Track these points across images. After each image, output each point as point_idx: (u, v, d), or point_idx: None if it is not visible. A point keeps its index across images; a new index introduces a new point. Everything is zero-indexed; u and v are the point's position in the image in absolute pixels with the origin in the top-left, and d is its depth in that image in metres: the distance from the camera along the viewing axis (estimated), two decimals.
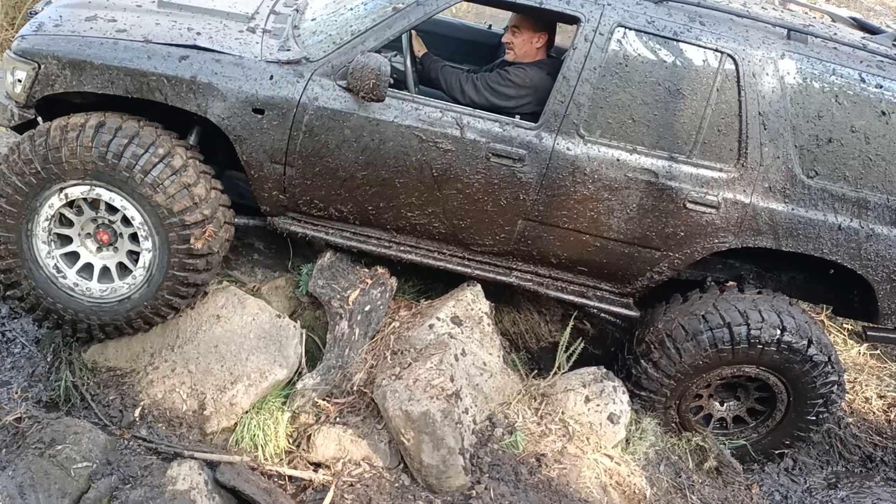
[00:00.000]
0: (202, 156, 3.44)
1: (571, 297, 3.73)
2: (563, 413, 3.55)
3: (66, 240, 3.39)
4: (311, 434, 3.37)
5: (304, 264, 3.91)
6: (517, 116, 3.49)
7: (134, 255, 3.38)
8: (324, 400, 3.46)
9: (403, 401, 3.14)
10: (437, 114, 3.35)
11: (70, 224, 3.37)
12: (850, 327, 5.16)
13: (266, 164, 3.37)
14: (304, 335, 3.67)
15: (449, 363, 3.25)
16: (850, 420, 4.55)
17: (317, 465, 3.31)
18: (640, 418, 3.71)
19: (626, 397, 3.64)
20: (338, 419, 3.42)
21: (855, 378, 4.80)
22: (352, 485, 3.16)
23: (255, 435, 3.36)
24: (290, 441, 3.39)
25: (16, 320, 3.75)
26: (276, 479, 3.24)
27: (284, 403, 3.50)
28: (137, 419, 3.34)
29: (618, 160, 3.40)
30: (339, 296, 3.61)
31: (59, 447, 3.05)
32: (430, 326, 3.50)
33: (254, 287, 3.84)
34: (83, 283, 3.39)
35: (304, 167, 3.38)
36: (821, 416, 3.82)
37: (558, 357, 3.73)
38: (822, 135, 3.45)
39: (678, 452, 3.76)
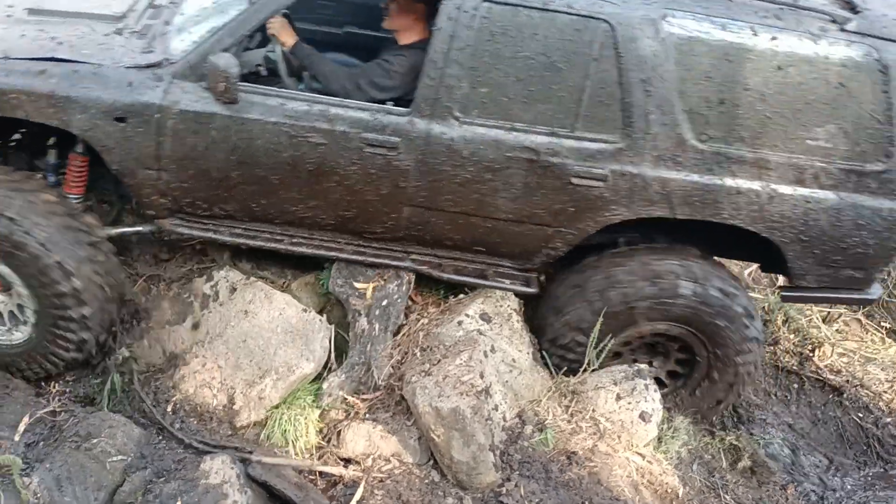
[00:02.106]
0: (89, 163, 3.40)
1: (470, 280, 3.66)
2: (593, 411, 3.51)
3: None
4: (340, 430, 3.38)
5: (327, 262, 3.92)
6: (389, 103, 3.38)
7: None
8: (353, 396, 3.47)
9: (433, 397, 3.13)
10: (304, 107, 3.25)
11: None
12: (888, 325, 5.05)
13: (139, 171, 3.31)
14: (331, 330, 3.68)
15: (478, 360, 3.24)
16: (889, 420, 4.45)
17: (347, 461, 3.32)
18: (673, 417, 3.67)
19: (657, 395, 3.59)
20: (367, 415, 3.42)
21: (894, 377, 4.69)
22: (382, 481, 3.16)
23: (285, 430, 3.38)
24: (321, 436, 3.41)
25: None
26: (306, 474, 3.26)
27: (314, 399, 3.52)
28: (170, 414, 3.39)
29: (496, 140, 3.27)
30: (356, 293, 3.61)
31: (95, 441, 3.10)
32: (459, 323, 3.49)
33: (284, 284, 3.86)
34: (20, 327, 3.39)
35: (178, 171, 3.32)
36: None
37: (588, 354, 3.68)
38: (713, 96, 3.25)
39: (711, 451, 3.72)
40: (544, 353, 3.72)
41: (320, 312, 3.78)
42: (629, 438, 3.49)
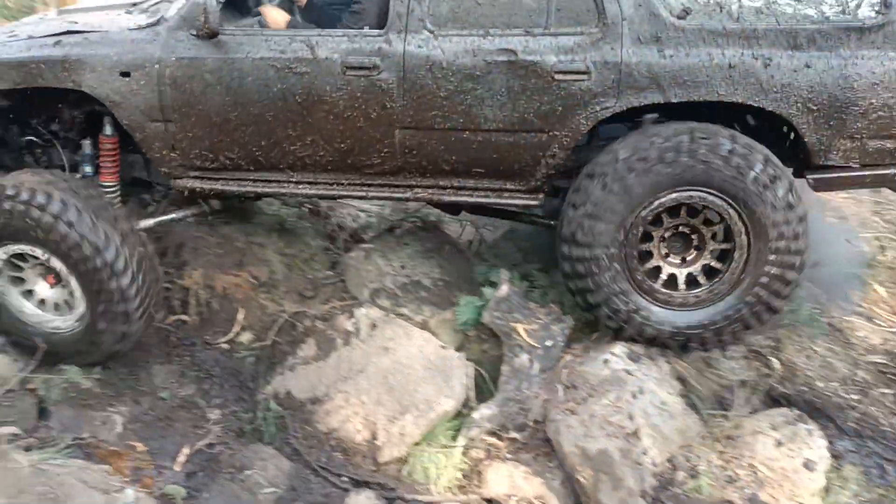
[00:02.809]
0: (119, 144, 3.73)
1: (471, 200, 3.66)
2: (751, 458, 3.27)
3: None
4: (482, 469, 3.34)
5: (463, 296, 3.93)
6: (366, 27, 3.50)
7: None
8: (494, 435, 3.43)
9: (579, 437, 3.05)
10: (286, 41, 3.44)
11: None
12: None
13: (147, 125, 3.56)
14: (470, 367, 3.67)
15: (627, 400, 3.13)
16: None
17: (489, 501, 3.26)
18: (841, 465, 3.36)
19: (823, 442, 3.31)
20: (509, 455, 3.37)
21: None
22: None
23: (426, 467, 3.38)
24: (462, 475, 3.38)
25: (208, 352, 4.03)
26: None
27: (454, 436, 3.50)
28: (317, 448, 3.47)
29: (473, 47, 3.32)
30: (520, 328, 3.58)
31: (248, 472, 3.23)
32: (605, 361, 3.39)
33: (422, 320, 3.90)
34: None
35: (181, 119, 3.54)
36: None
37: (736, 397, 3.46)
38: None
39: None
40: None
41: (458, 349, 3.79)
42: (792, 488, 3.22)
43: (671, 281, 3.54)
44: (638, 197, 3.34)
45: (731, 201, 3.31)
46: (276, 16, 3.78)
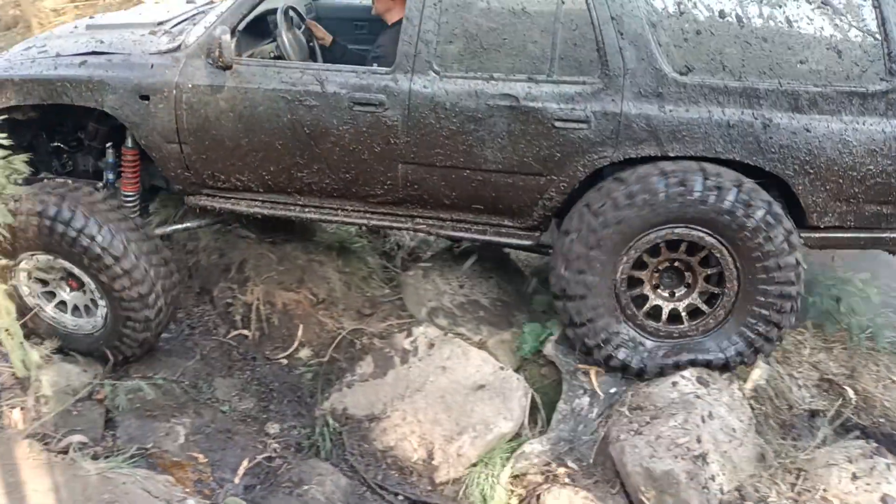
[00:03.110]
0: (139, 156, 3.82)
1: (467, 235, 3.73)
2: (824, 491, 3.12)
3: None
4: (540, 493, 3.26)
5: (527, 322, 3.88)
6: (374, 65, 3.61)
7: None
8: (553, 461, 3.36)
9: (644, 457, 2.96)
10: (297, 74, 3.52)
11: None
12: None
13: (164, 146, 3.66)
14: (529, 389, 3.62)
15: (695, 424, 3.04)
16: None
17: None
18: None
19: None
20: (567, 481, 3.29)
21: None
22: None
23: (483, 489, 3.33)
24: (520, 500, 3.31)
25: (268, 367, 4.09)
26: None
27: (509, 458, 3.44)
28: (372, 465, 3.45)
29: (476, 91, 3.36)
30: (587, 371, 3.55)
31: (306, 487, 3.24)
32: (674, 384, 3.31)
33: (480, 340, 3.88)
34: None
35: (196, 143, 3.63)
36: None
37: (821, 428, 3.32)
38: (688, 27, 3.23)
39: None
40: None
41: (516, 370, 3.74)
42: None
43: (694, 312, 3.54)
44: (605, 287, 3.42)
45: (686, 223, 3.33)
46: (323, 32, 4.13)
